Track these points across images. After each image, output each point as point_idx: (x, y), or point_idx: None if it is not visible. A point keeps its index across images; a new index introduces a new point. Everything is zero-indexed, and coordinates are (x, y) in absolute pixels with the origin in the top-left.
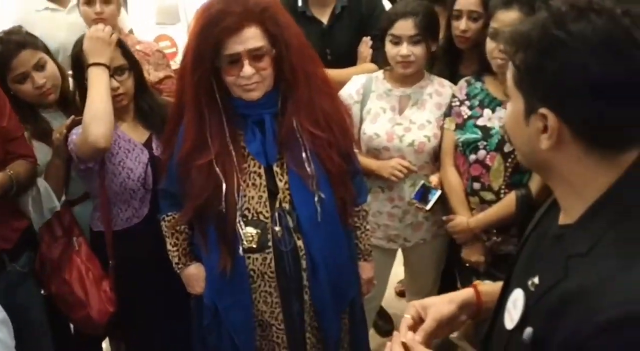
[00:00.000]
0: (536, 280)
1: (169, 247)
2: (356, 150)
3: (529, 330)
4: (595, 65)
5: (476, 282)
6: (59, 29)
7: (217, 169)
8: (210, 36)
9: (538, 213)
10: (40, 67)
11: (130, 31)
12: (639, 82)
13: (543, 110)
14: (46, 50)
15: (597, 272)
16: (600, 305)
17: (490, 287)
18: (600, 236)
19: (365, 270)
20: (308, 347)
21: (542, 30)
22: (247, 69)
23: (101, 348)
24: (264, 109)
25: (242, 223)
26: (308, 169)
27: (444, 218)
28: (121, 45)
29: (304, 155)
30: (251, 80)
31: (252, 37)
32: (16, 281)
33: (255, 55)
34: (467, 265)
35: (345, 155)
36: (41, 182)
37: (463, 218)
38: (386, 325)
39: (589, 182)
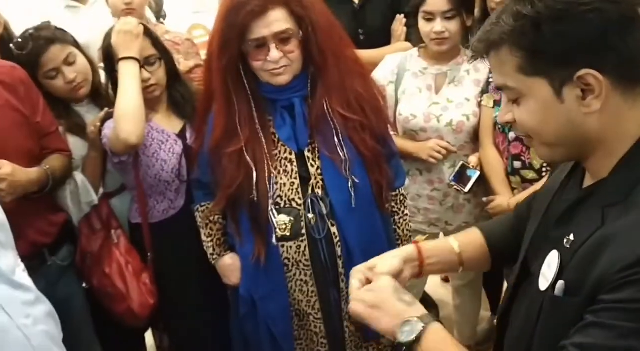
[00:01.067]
0: (571, 236)
1: (203, 237)
2: (392, 133)
3: (560, 283)
4: (604, 7)
5: (417, 238)
6: (81, 27)
7: (248, 157)
8: (235, 21)
9: (552, 181)
10: (70, 61)
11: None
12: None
13: (582, 72)
14: (76, 44)
15: (637, 212)
16: (632, 243)
17: (431, 244)
18: (636, 182)
19: None
20: (347, 336)
21: (544, 2)
22: (274, 53)
23: (144, 340)
24: (293, 93)
25: (274, 211)
26: (340, 153)
27: (485, 199)
28: (150, 35)
29: (335, 139)
30: (279, 64)
31: (277, 20)
32: (57, 276)
33: (281, 39)
34: None
35: (379, 137)
36: (78, 176)
37: (504, 199)
38: (430, 311)
39: (622, 136)
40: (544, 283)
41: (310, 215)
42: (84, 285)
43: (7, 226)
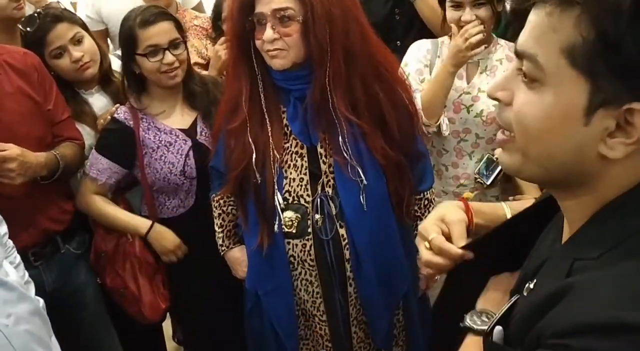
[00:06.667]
0: (532, 285)
1: (215, 227)
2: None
3: (498, 329)
4: None
5: (465, 195)
6: (130, 3)
7: (250, 137)
8: None
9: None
10: (77, 41)
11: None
12: None
13: (636, 105)
14: (84, 26)
15: (599, 274)
16: (586, 306)
17: (481, 205)
18: (620, 239)
19: None
20: (355, 342)
21: None
22: (268, 32)
23: (161, 328)
24: (305, 83)
25: (281, 202)
26: (346, 155)
27: (511, 198)
28: (174, 19)
29: (340, 139)
30: (273, 45)
31: None
32: (71, 263)
33: (281, 17)
34: None
35: (400, 145)
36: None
37: (531, 198)
38: None
39: (614, 182)
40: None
41: (318, 216)
42: (97, 280)
43: None
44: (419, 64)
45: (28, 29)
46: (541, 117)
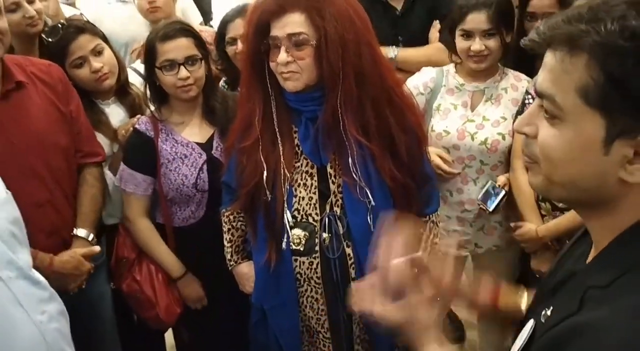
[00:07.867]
0: (549, 311)
1: (224, 242)
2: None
3: None
4: None
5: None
6: (130, 21)
7: (261, 155)
8: (252, 18)
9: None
10: (97, 52)
11: (201, 23)
12: None
13: None
14: (104, 39)
15: (611, 307)
16: (598, 345)
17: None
18: (629, 266)
19: None
20: None
21: None
22: (282, 55)
23: (163, 338)
24: (318, 105)
25: (290, 219)
26: (355, 176)
27: (512, 225)
28: (194, 36)
29: (350, 160)
30: (287, 68)
31: (293, 22)
32: (91, 274)
33: (296, 42)
34: (538, 275)
35: (408, 168)
36: (109, 176)
37: (532, 226)
38: (456, 330)
39: (633, 206)
40: None
41: (325, 235)
42: (111, 285)
43: (21, 222)
44: (414, 90)
45: (50, 39)
46: (563, 150)
